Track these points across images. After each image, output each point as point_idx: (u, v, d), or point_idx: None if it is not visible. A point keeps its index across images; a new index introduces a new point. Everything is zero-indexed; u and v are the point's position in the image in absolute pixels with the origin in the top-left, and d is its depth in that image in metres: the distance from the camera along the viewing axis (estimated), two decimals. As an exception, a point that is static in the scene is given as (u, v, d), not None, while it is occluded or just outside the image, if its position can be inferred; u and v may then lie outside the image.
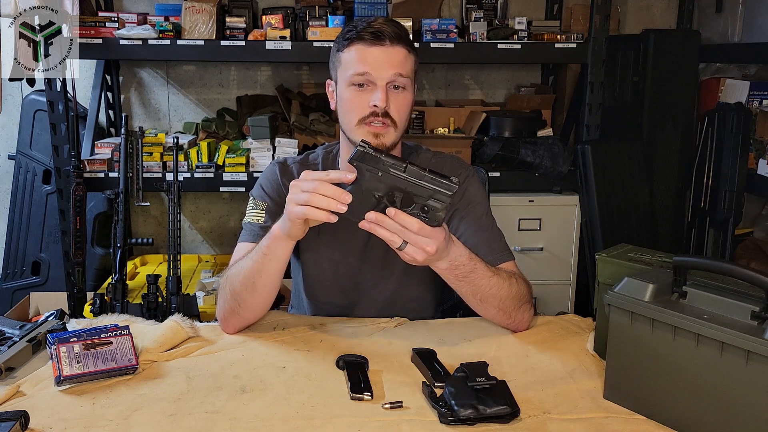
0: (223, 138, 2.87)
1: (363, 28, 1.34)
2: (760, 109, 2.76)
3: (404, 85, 1.35)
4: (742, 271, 0.97)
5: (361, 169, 1.17)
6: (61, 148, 2.52)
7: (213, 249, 3.28)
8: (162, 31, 2.49)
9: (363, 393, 1.11)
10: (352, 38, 1.34)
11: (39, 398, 1.11)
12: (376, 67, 1.33)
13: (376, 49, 1.33)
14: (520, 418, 1.05)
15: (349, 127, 1.38)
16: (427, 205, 1.15)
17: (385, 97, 1.32)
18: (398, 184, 1.16)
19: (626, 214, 2.69)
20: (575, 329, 1.39)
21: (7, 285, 2.96)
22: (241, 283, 1.31)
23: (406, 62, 1.36)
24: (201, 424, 1.03)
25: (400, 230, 1.15)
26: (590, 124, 2.63)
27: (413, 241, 1.15)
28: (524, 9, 3.10)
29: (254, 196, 1.48)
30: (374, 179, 1.16)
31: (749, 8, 2.85)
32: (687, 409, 1.01)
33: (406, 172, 1.15)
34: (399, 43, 1.34)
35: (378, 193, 1.17)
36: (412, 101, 1.40)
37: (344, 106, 1.38)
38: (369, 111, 1.33)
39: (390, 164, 1.16)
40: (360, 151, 1.16)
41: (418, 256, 1.17)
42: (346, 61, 1.36)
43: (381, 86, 1.33)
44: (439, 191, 1.14)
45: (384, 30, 1.33)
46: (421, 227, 1.14)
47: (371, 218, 1.16)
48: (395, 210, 1.15)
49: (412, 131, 2.87)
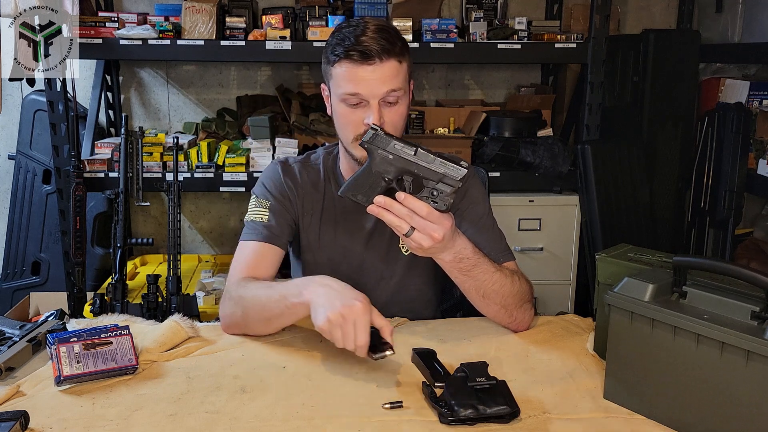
0: (223, 138, 2.87)
1: (351, 45, 1.29)
2: (760, 109, 2.76)
3: (397, 98, 1.33)
4: (742, 271, 0.97)
5: (372, 151, 1.18)
6: (61, 148, 2.52)
7: (213, 249, 3.28)
8: (162, 31, 2.49)
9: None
10: (340, 56, 1.31)
11: (39, 398, 1.11)
12: (367, 86, 1.30)
13: (365, 69, 1.29)
14: (520, 418, 1.05)
15: (345, 142, 1.39)
16: (436, 189, 1.16)
17: (378, 116, 1.30)
18: (408, 167, 1.18)
19: (626, 214, 2.69)
20: (575, 329, 1.40)
21: (7, 285, 2.96)
22: (256, 313, 1.30)
23: (398, 75, 1.32)
24: (201, 424, 1.03)
25: (408, 215, 1.15)
26: (590, 124, 2.63)
27: (421, 226, 1.16)
28: (524, 9, 3.10)
29: (257, 195, 1.48)
30: (385, 162, 1.18)
31: (749, 8, 2.85)
32: (687, 409, 1.01)
33: (417, 155, 1.17)
34: (389, 58, 1.30)
35: (388, 176, 1.19)
36: (408, 106, 1.39)
37: (339, 120, 1.38)
38: (363, 129, 1.30)
39: (401, 147, 1.18)
40: (372, 133, 1.18)
41: (424, 242, 1.17)
42: (337, 77, 1.33)
43: (374, 105, 1.31)
44: (448, 174, 1.16)
45: (371, 48, 1.29)
46: (429, 211, 1.15)
47: (380, 202, 1.17)
48: (404, 194, 1.16)
49: (412, 131, 2.87)
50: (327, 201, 1.48)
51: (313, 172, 1.50)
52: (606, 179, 2.62)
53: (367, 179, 1.19)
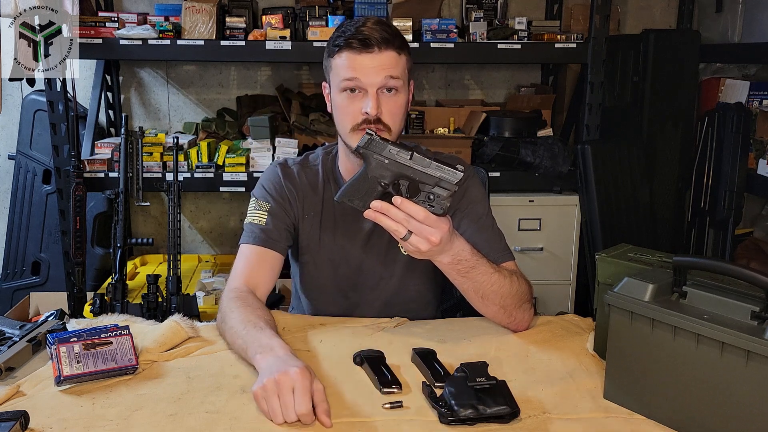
0: (223, 138, 2.87)
1: (351, 35, 1.32)
2: (760, 109, 2.76)
3: (396, 87, 1.34)
4: (742, 271, 0.97)
5: (368, 156, 1.18)
6: (61, 148, 2.52)
7: (213, 249, 3.28)
8: (162, 31, 2.49)
9: (392, 386, 1.12)
10: (341, 45, 1.33)
11: (39, 398, 1.11)
12: (365, 73, 1.32)
13: (364, 57, 1.32)
14: (520, 418, 1.05)
15: (343, 133, 1.39)
16: (432, 193, 1.16)
17: (376, 104, 1.32)
18: (404, 172, 1.18)
19: (626, 214, 2.69)
20: (575, 329, 1.39)
21: (7, 285, 2.96)
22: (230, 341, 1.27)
23: (397, 64, 1.34)
24: (201, 424, 1.03)
25: (405, 219, 1.15)
26: (590, 124, 2.63)
27: (418, 230, 1.16)
28: (524, 9, 3.10)
29: (256, 197, 1.48)
30: (380, 166, 1.18)
31: (749, 8, 2.85)
32: (687, 409, 1.01)
33: (412, 160, 1.17)
34: (388, 48, 1.33)
35: (384, 181, 1.18)
36: (407, 101, 1.40)
37: (338, 111, 1.39)
38: (361, 118, 1.33)
39: (396, 151, 1.18)
40: (367, 138, 1.18)
41: (422, 246, 1.17)
42: (337, 67, 1.35)
43: (372, 93, 1.32)
44: (444, 178, 1.16)
45: (372, 36, 1.31)
46: (426, 216, 1.15)
47: (376, 207, 1.16)
48: (401, 198, 1.16)
49: (412, 131, 2.87)
50: (326, 203, 1.48)
51: (311, 174, 1.50)
52: (606, 179, 2.63)
53: (363, 184, 1.18)
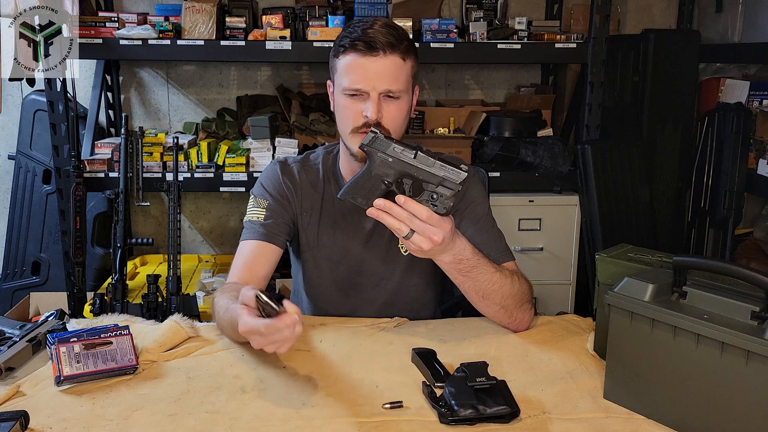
0: (223, 138, 2.87)
1: (357, 37, 1.31)
2: (760, 109, 2.76)
3: (398, 94, 1.34)
4: (742, 271, 0.97)
5: (372, 154, 1.18)
6: (61, 148, 2.52)
7: (213, 249, 3.28)
8: (162, 31, 2.49)
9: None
10: (346, 46, 1.33)
11: (39, 398, 1.11)
12: (368, 78, 1.31)
13: (368, 61, 1.31)
14: (520, 418, 1.05)
15: (344, 134, 1.39)
16: (436, 192, 1.17)
17: (377, 109, 1.31)
18: (408, 170, 1.18)
19: (626, 214, 2.69)
20: (575, 329, 1.39)
21: (7, 285, 2.95)
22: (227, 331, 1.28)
23: (401, 72, 1.34)
24: (201, 424, 1.03)
25: (407, 218, 1.15)
26: (590, 124, 2.63)
27: (420, 229, 1.16)
28: (524, 9, 3.10)
29: (255, 195, 1.48)
30: (384, 165, 1.18)
31: (749, 8, 2.85)
32: (687, 409, 1.01)
33: (416, 158, 1.17)
34: (393, 52, 1.32)
35: (387, 179, 1.19)
36: (410, 106, 1.40)
37: (339, 112, 1.39)
38: (362, 121, 1.33)
39: (401, 150, 1.18)
40: (372, 135, 1.18)
41: (424, 245, 1.17)
42: (341, 68, 1.35)
43: (373, 98, 1.32)
44: (448, 178, 1.16)
45: (377, 39, 1.30)
46: (429, 215, 1.15)
47: (379, 205, 1.17)
48: (404, 197, 1.16)
49: (412, 131, 2.87)
50: (326, 201, 1.48)
51: (312, 172, 1.50)
52: (606, 179, 2.63)
53: (366, 182, 1.18)
